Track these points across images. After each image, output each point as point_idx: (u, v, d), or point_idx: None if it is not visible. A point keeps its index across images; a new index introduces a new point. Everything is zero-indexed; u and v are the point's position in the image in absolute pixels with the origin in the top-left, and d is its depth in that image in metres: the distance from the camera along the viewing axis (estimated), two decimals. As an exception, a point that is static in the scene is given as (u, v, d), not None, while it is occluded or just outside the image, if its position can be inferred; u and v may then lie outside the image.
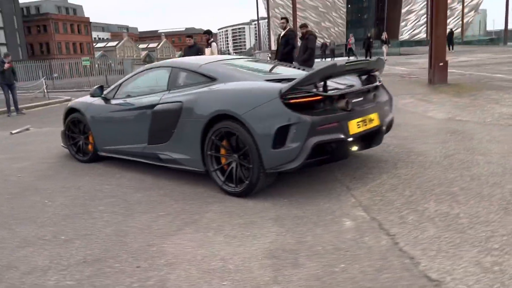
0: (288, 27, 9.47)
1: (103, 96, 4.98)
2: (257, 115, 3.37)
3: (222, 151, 3.70)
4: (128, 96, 4.75)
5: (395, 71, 16.04)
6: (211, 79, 3.99)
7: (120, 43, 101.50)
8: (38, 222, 3.37)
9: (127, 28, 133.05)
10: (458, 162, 4.17)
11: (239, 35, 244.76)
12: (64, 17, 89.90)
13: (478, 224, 2.79)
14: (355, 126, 3.58)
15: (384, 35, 26.13)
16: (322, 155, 3.45)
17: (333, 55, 33.92)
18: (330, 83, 3.78)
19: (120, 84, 4.96)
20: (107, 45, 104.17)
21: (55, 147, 6.21)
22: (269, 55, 12.75)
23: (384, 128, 3.99)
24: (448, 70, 12.16)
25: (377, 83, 4.12)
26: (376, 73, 4.32)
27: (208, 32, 10.86)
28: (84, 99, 5.29)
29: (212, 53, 10.62)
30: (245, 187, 3.54)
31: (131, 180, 4.38)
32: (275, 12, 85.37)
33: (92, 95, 5.02)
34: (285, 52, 9.29)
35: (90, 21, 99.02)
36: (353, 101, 3.66)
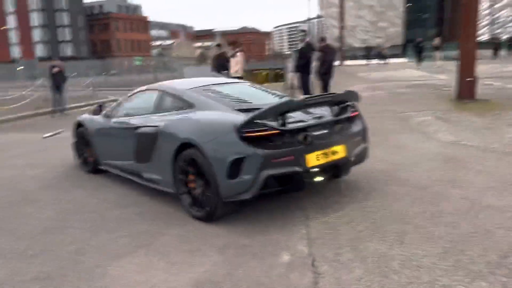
0: (306, 40, 9.56)
1: (104, 113, 5.38)
2: (215, 146, 3.57)
3: (190, 176, 3.90)
4: (125, 115, 5.09)
5: (433, 80, 15.52)
6: (190, 106, 4.24)
7: (177, 42, 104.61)
8: (18, 234, 3.75)
9: (184, 26, 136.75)
10: (431, 195, 4.12)
11: (295, 33, 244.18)
12: (125, 16, 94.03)
13: (406, 269, 2.82)
14: (314, 159, 3.68)
15: (437, 41, 24.95)
16: (278, 186, 3.59)
17: (380, 57, 32.67)
18: (295, 114, 3.89)
19: (119, 103, 5.34)
20: (164, 43, 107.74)
21: (72, 155, 6.70)
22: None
23: (351, 159, 4.02)
24: (486, 83, 11.67)
25: (347, 115, 4.12)
26: (353, 103, 4.32)
27: (234, 43, 11.15)
28: (89, 115, 5.71)
29: (237, 63, 10.91)
30: (206, 213, 3.75)
31: (118, 195, 4.71)
32: (329, 12, 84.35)
33: (92, 114, 5.43)
34: (300, 64, 9.43)
35: (149, 19, 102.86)
36: (316, 133, 3.75)
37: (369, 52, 33.92)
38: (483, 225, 3.39)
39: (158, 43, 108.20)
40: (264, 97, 4.63)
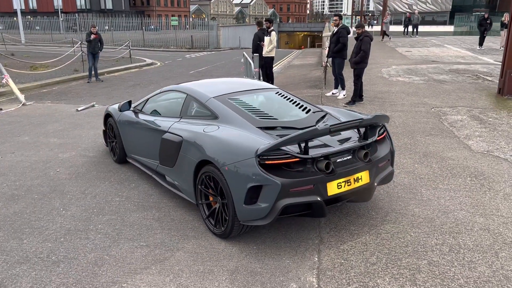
0: (341, 24, 9.22)
1: (131, 109, 5.46)
2: (234, 170, 3.53)
3: (210, 190, 3.92)
4: (153, 112, 5.16)
5: (477, 65, 14.73)
6: (214, 116, 4.27)
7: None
8: (44, 234, 3.96)
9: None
10: (451, 222, 4.03)
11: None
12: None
13: (412, 319, 2.82)
14: (335, 187, 3.59)
15: (505, 17, 22.19)
16: (296, 213, 3.58)
17: (415, 30, 30.29)
18: (318, 140, 3.81)
19: (147, 100, 5.38)
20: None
21: (101, 135, 6.90)
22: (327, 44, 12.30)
23: (375, 184, 3.91)
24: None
25: (373, 139, 3.94)
26: (384, 123, 4.18)
27: (269, 20, 10.91)
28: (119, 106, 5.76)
29: (270, 42, 10.71)
30: (222, 232, 3.81)
31: (140, 193, 4.85)
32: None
33: (120, 110, 5.55)
34: (335, 50, 9.16)
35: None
36: (339, 160, 3.68)
37: (407, 24, 31.37)
38: (501, 269, 3.31)
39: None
40: (290, 111, 4.54)
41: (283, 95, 4.88)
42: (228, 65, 20.74)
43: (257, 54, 10.36)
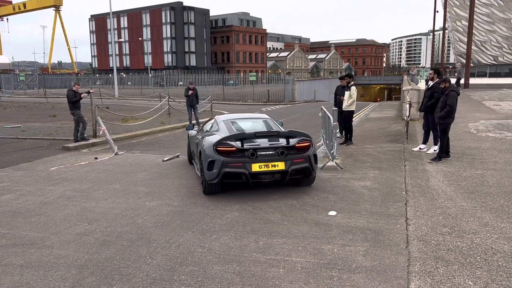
0: (436, 79, 8.97)
1: (196, 129, 9.25)
2: (205, 153, 6.67)
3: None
4: (204, 131, 8.19)
5: None
6: (218, 129, 7.53)
7: (291, 54, 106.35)
8: (132, 282, 4.09)
9: (299, 38, 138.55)
10: None
11: (414, 46, 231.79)
12: (245, 29, 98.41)
13: None
14: (257, 167, 6.39)
15: None
16: (233, 179, 6.52)
17: (457, 84, 28.56)
18: (259, 140, 6.60)
19: (204, 124, 8.98)
20: (279, 55, 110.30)
21: (185, 185, 7.23)
22: (408, 98, 12.01)
23: (289, 171, 6.50)
24: None
25: (291, 145, 6.61)
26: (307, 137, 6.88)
27: (349, 75, 10.98)
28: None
29: (350, 96, 10.71)
30: (202, 189, 6.96)
31: (221, 245, 4.89)
32: (456, 25, 78.83)
33: (186, 129, 9.81)
34: (428, 105, 8.92)
35: (267, 32, 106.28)
36: (263, 153, 6.45)
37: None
38: None
39: (273, 54, 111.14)
40: (259, 128, 7.47)
41: (265, 121, 8.00)
42: (303, 118, 20.94)
43: (336, 108, 10.36)
